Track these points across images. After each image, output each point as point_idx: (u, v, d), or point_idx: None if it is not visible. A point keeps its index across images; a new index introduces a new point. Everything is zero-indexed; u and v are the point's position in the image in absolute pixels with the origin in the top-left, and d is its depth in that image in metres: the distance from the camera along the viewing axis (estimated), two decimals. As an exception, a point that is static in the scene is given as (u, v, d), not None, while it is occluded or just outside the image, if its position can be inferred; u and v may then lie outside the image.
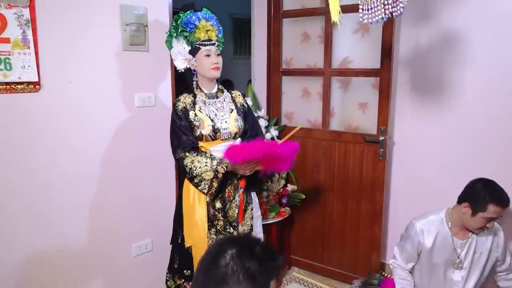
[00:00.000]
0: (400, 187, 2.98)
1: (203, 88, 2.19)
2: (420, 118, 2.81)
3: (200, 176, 2.04)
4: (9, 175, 2.03)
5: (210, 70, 2.12)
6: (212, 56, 2.12)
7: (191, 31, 2.10)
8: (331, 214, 3.06)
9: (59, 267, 2.25)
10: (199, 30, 2.09)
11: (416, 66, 2.78)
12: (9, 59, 1.94)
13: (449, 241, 2.14)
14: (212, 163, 2.04)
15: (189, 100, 2.14)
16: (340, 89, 3.00)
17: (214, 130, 2.11)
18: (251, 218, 2.27)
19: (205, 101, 2.16)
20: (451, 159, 2.71)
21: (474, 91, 2.57)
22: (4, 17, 1.91)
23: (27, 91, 2.02)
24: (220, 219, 2.17)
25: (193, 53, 2.13)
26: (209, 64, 2.11)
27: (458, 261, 2.14)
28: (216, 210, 2.16)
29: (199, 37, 2.10)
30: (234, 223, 2.19)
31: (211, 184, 2.06)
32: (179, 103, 2.13)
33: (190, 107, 2.12)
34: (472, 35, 2.53)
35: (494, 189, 2.01)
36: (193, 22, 2.09)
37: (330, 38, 2.90)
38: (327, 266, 3.14)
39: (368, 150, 2.82)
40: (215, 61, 2.12)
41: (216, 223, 2.17)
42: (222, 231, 2.18)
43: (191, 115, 2.11)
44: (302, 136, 3.13)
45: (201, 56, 2.11)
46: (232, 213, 2.19)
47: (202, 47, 2.10)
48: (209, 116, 2.12)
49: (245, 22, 4.54)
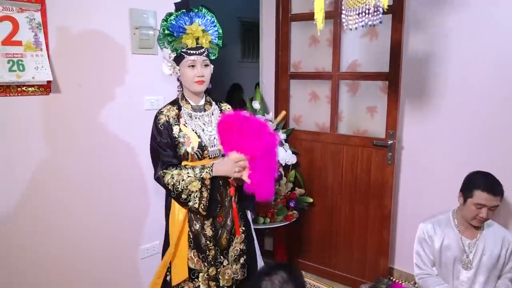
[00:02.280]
0: (408, 191, 2.96)
1: (189, 99, 1.94)
2: (429, 122, 2.80)
3: (186, 189, 1.81)
4: (19, 176, 2.05)
5: (192, 83, 1.86)
6: (197, 68, 1.85)
7: (178, 35, 1.83)
8: (339, 218, 3.04)
9: (67, 268, 2.26)
10: (187, 36, 1.83)
11: (425, 69, 2.77)
12: (21, 61, 1.96)
13: (458, 240, 2.16)
14: (195, 172, 1.81)
15: (173, 113, 1.89)
16: (348, 93, 2.99)
17: (200, 147, 1.87)
18: (241, 242, 2.03)
19: (191, 114, 1.92)
20: (460, 163, 2.68)
21: (484, 94, 2.55)
22: (16, 21, 1.93)
23: (38, 94, 2.05)
24: (211, 248, 1.94)
25: (177, 61, 1.87)
26: (192, 77, 1.84)
27: (467, 260, 2.15)
28: (208, 238, 1.93)
29: (187, 43, 1.83)
30: (225, 251, 1.97)
31: (201, 195, 1.82)
32: (161, 116, 1.88)
33: (174, 121, 1.87)
34: (480, 38, 2.52)
35: (484, 177, 2.08)
36: (182, 25, 1.83)
37: (338, 42, 2.90)
38: (334, 270, 3.12)
39: (377, 154, 2.81)
40: (200, 73, 1.85)
41: (207, 254, 1.93)
42: (213, 262, 1.95)
43: (175, 130, 1.86)
44: (310, 140, 3.13)
45: (184, 66, 1.85)
46: (224, 240, 1.96)
47: (187, 56, 1.84)
48: (195, 132, 1.88)
49: (254, 25, 4.54)
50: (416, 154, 2.89)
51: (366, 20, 1.72)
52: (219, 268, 1.97)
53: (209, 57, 1.93)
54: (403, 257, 3.06)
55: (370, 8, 1.69)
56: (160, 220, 2.63)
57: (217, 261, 1.96)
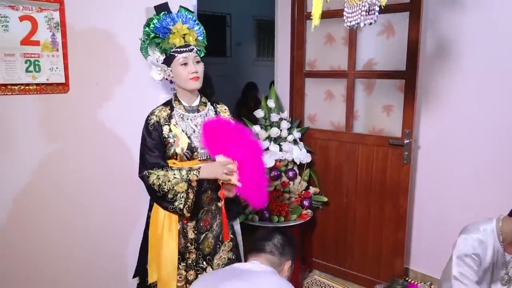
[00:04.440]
0: (425, 191, 2.93)
1: (182, 100, 1.94)
2: (446, 121, 2.76)
3: (172, 190, 1.80)
4: (35, 174, 2.08)
5: (188, 80, 1.85)
6: (190, 65, 1.85)
7: (164, 36, 1.85)
8: (354, 217, 3.02)
9: (73, 266, 2.30)
10: (174, 35, 1.84)
11: (442, 67, 2.73)
12: (38, 61, 1.99)
13: (500, 255, 1.99)
14: (182, 173, 1.80)
15: (165, 113, 1.90)
16: (364, 92, 2.97)
17: (190, 148, 1.87)
18: (229, 250, 1.99)
19: (183, 115, 1.92)
20: (478, 163, 2.64)
21: (503, 93, 2.50)
22: (35, 20, 1.96)
23: (56, 92, 2.08)
24: (192, 251, 1.91)
25: (167, 62, 1.88)
26: (186, 74, 1.84)
27: (506, 277, 2.01)
28: (189, 241, 1.90)
29: (174, 43, 1.84)
30: (208, 257, 1.94)
31: (187, 196, 1.81)
32: (152, 116, 1.89)
33: (165, 121, 1.88)
34: (498, 36, 2.47)
35: None
36: (167, 26, 1.85)
37: (354, 40, 2.88)
38: (349, 270, 3.10)
39: (393, 153, 2.78)
40: (193, 69, 1.85)
41: (187, 257, 1.91)
42: (193, 266, 1.92)
43: (165, 130, 1.87)
44: (325, 139, 3.11)
45: (176, 65, 1.86)
46: (208, 245, 1.94)
47: (178, 55, 1.84)
48: (185, 133, 1.88)
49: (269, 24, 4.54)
50: (433, 154, 2.86)
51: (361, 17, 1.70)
52: (201, 274, 1.92)
53: (198, 54, 1.92)
54: (419, 257, 3.02)
55: (365, 5, 1.67)
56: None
57: (198, 266, 1.93)
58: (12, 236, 2.03)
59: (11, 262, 2.04)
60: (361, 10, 1.69)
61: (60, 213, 2.17)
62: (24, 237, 2.07)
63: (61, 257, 2.20)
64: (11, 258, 2.04)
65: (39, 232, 2.11)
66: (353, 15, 1.73)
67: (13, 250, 2.04)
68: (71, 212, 2.21)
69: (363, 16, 1.68)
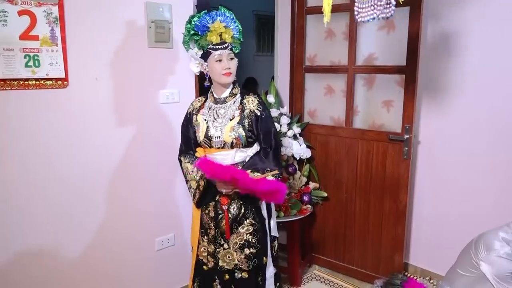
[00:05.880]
0: (425, 186, 2.93)
1: (215, 92, 2.12)
2: (447, 117, 2.75)
3: (188, 182, 2.12)
4: (35, 169, 2.08)
5: (221, 76, 2.01)
6: (224, 61, 2.00)
7: (203, 34, 1.99)
8: (353, 212, 3.03)
9: (82, 261, 2.30)
10: (211, 33, 1.97)
11: (443, 63, 2.72)
12: (37, 56, 1.99)
13: None
14: (195, 175, 2.08)
15: (198, 104, 2.17)
16: (364, 87, 2.96)
17: (207, 136, 2.05)
18: (247, 233, 2.08)
19: (211, 106, 2.11)
20: (478, 159, 2.64)
21: (504, 88, 2.50)
22: (34, 15, 1.96)
23: (55, 87, 2.08)
24: (212, 228, 2.12)
25: (204, 57, 2.03)
26: (220, 70, 2.00)
27: None
28: (209, 218, 2.12)
29: (211, 40, 1.98)
30: (224, 235, 2.09)
31: (195, 193, 2.09)
32: (190, 105, 2.20)
33: (196, 111, 2.14)
34: (499, 31, 2.46)
35: None
36: (206, 24, 1.98)
37: (354, 35, 2.86)
38: (348, 265, 3.11)
39: (393, 148, 2.78)
40: (227, 66, 2.00)
41: (208, 232, 2.13)
42: (213, 241, 2.11)
43: (194, 119, 2.13)
44: (325, 134, 3.11)
45: (212, 61, 2.01)
46: (223, 225, 2.08)
47: (213, 52, 1.99)
48: (206, 122, 2.07)
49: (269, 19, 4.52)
50: (432, 149, 2.85)
51: (378, 12, 1.69)
52: (218, 249, 2.11)
53: (233, 51, 2.06)
54: (418, 252, 3.03)
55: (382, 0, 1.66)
56: (174, 212, 2.67)
57: (216, 241, 2.11)
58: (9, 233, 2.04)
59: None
60: (377, 5, 1.68)
61: (61, 208, 2.18)
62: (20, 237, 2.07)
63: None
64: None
65: (37, 227, 2.12)
66: (366, 10, 1.72)
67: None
68: (71, 207, 2.22)
69: (378, 11, 1.67)
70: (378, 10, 1.68)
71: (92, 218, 2.30)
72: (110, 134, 2.32)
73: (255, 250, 2.08)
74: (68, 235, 2.22)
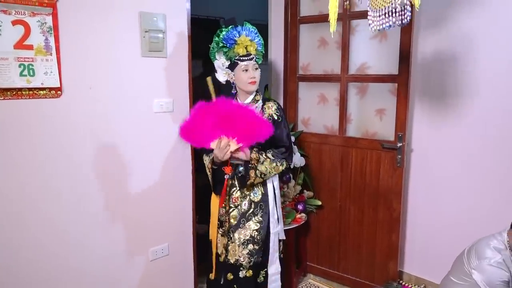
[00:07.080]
0: (418, 194, 2.94)
1: (239, 98, 2.33)
2: (439, 125, 2.78)
3: (206, 170, 2.31)
4: (29, 179, 2.07)
5: (247, 84, 2.23)
6: (250, 71, 2.22)
7: (231, 46, 2.21)
8: (348, 221, 3.03)
9: (75, 272, 2.28)
10: (238, 46, 2.19)
11: (434, 71, 2.75)
12: (32, 65, 1.98)
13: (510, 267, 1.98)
14: (206, 159, 2.28)
15: None
16: (357, 95, 2.98)
17: None
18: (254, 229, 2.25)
19: None
20: (470, 166, 2.67)
21: (493, 97, 2.53)
22: (28, 25, 1.95)
23: (49, 97, 2.07)
24: (226, 221, 2.28)
25: (231, 67, 2.25)
26: (246, 79, 2.22)
27: None
28: (226, 212, 2.27)
29: (238, 52, 2.20)
30: (232, 228, 2.27)
31: (210, 178, 2.30)
32: None
33: None
34: (490, 41, 2.50)
35: None
36: (233, 38, 2.20)
37: (347, 44, 2.89)
38: (343, 274, 3.11)
39: (386, 156, 2.80)
40: (252, 75, 2.22)
41: (224, 225, 2.29)
42: (226, 233, 2.29)
43: None
44: (318, 142, 3.12)
45: (239, 71, 2.22)
46: (234, 220, 2.27)
47: (241, 63, 2.21)
48: None
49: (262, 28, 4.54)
50: (425, 157, 2.88)
51: (393, 19, 1.70)
52: (229, 242, 2.28)
53: (257, 61, 2.28)
54: (412, 260, 3.04)
55: (396, 7, 1.67)
56: (168, 222, 2.66)
57: (228, 235, 2.29)
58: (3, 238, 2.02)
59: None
60: (392, 12, 1.69)
61: (52, 217, 2.16)
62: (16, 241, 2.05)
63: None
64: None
65: (30, 239, 2.10)
66: (380, 18, 1.74)
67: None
68: (65, 218, 2.20)
69: (394, 18, 1.69)
70: (394, 17, 1.69)
71: (85, 228, 2.28)
72: (103, 143, 2.30)
73: (257, 246, 2.25)
74: (62, 246, 2.20)
